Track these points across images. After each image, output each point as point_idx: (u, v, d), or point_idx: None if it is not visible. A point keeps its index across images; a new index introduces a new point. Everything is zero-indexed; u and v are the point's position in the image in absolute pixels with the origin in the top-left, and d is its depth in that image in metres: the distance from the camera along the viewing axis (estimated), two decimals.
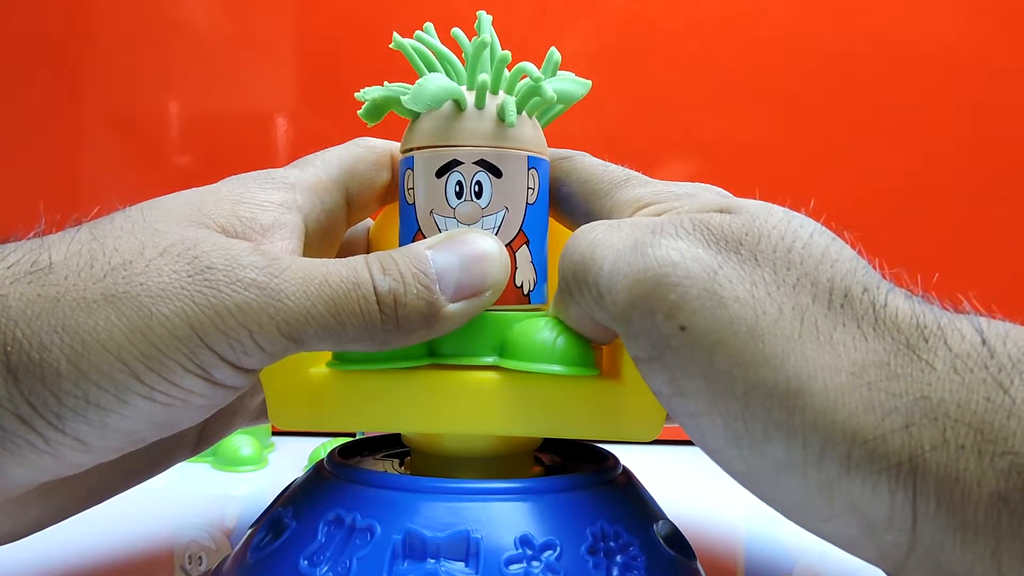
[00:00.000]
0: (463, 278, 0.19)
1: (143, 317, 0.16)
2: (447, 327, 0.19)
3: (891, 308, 0.16)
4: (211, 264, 0.17)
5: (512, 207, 0.21)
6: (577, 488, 0.20)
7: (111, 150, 0.48)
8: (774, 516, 0.16)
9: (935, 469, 0.14)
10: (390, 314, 0.18)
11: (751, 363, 0.16)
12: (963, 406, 0.14)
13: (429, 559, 0.18)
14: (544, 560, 0.18)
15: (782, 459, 0.16)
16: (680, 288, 0.16)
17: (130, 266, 0.17)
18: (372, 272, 0.18)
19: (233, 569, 0.21)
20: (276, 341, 0.17)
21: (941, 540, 0.15)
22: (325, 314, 0.17)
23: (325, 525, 0.19)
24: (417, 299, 0.18)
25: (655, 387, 0.18)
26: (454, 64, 0.22)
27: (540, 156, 0.22)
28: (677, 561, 0.20)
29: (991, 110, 0.48)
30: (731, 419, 0.16)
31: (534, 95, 0.21)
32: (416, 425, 0.21)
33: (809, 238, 0.17)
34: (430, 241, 0.19)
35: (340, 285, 0.18)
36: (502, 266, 0.20)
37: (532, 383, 0.20)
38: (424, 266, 0.18)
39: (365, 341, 0.18)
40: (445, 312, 0.19)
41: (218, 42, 0.47)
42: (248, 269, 0.17)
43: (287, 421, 0.21)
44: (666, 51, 0.48)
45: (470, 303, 0.19)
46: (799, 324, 0.16)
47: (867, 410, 0.15)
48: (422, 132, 0.21)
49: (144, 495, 0.36)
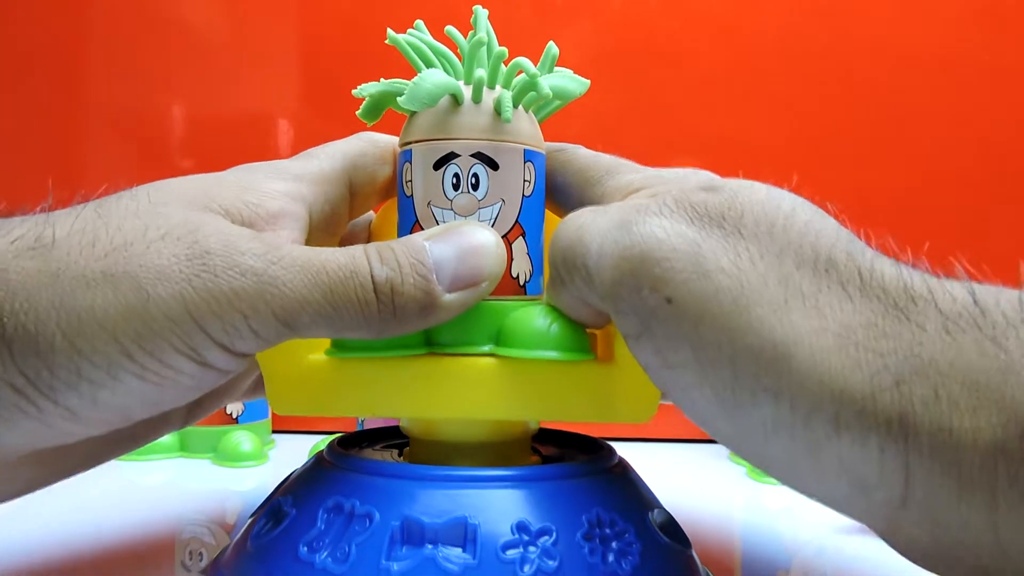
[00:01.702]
0: (460, 268, 0.19)
1: (140, 298, 0.17)
2: (443, 317, 0.19)
3: (877, 273, 0.16)
4: (210, 249, 0.17)
5: (508, 199, 0.21)
6: (573, 476, 0.20)
7: (113, 152, 0.48)
8: (772, 513, 0.16)
9: (927, 424, 0.14)
10: (387, 303, 0.18)
11: (737, 330, 0.16)
12: (955, 363, 0.14)
13: (427, 544, 0.18)
14: (540, 546, 0.18)
15: (771, 423, 0.16)
16: (665, 262, 0.17)
17: (131, 247, 0.17)
18: (370, 261, 0.18)
19: (234, 557, 0.21)
20: (271, 327, 0.18)
21: (935, 495, 0.15)
22: (321, 301, 0.18)
23: (325, 512, 0.20)
24: (414, 288, 0.18)
25: (645, 362, 0.18)
26: (451, 60, 0.22)
27: (536, 150, 0.22)
28: (672, 548, 0.20)
29: (992, 111, 0.48)
30: (720, 387, 0.16)
31: (530, 90, 0.21)
32: (414, 410, 0.21)
33: (791, 211, 0.17)
34: (428, 233, 0.20)
35: (337, 273, 0.18)
36: (498, 257, 0.20)
37: (528, 368, 0.20)
38: (421, 256, 0.19)
39: (362, 329, 0.18)
40: (442, 302, 0.19)
41: (220, 45, 0.48)
42: (246, 255, 0.18)
43: (286, 407, 0.21)
44: (665, 51, 0.48)
45: (466, 293, 0.19)
46: (783, 291, 0.16)
47: (854, 369, 0.15)
48: (420, 126, 0.21)
49: (145, 490, 0.36)
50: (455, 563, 0.18)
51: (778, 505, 0.34)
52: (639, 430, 0.48)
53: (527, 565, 0.18)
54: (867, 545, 0.28)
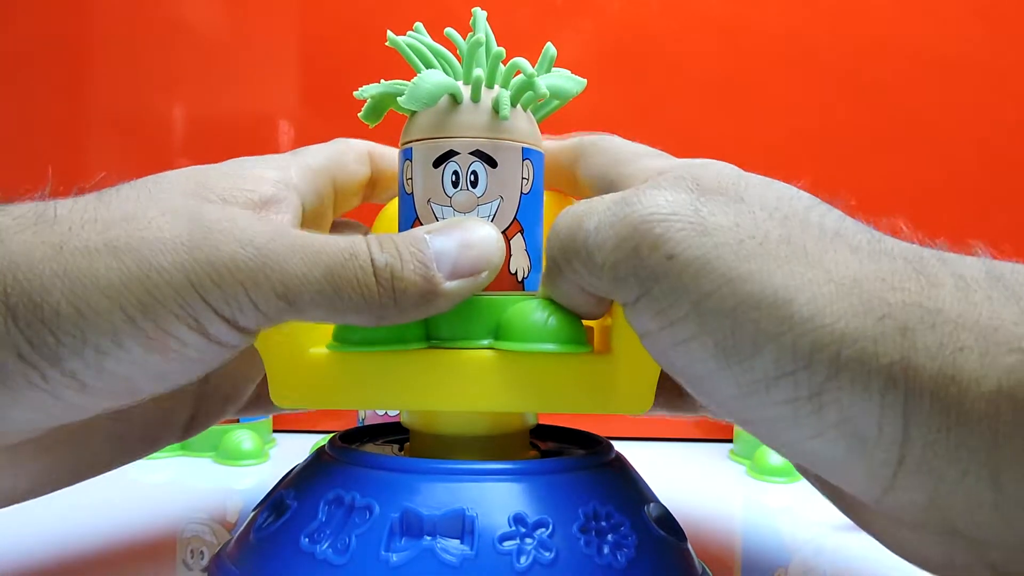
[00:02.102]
0: (460, 258, 0.19)
1: (142, 267, 0.17)
2: (443, 305, 0.19)
3: (887, 242, 0.16)
4: (211, 225, 0.18)
5: (507, 196, 0.21)
6: (570, 470, 0.21)
7: (114, 152, 0.48)
8: (772, 511, 0.16)
9: (929, 368, 0.14)
10: (387, 287, 0.18)
11: (738, 279, 0.16)
12: (965, 314, 0.15)
13: (426, 536, 0.19)
14: (537, 537, 0.19)
15: (771, 370, 0.16)
16: (665, 223, 0.17)
17: (133, 221, 0.18)
18: (370, 246, 0.19)
19: (237, 548, 0.21)
20: (271, 301, 0.18)
21: (934, 441, 0.14)
22: (321, 280, 0.18)
23: (325, 505, 0.20)
24: (414, 274, 0.18)
25: (643, 326, 0.18)
26: (450, 60, 0.22)
27: (534, 148, 0.22)
28: (667, 541, 0.20)
29: (994, 111, 0.48)
30: (720, 337, 0.16)
31: (527, 89, 0.21)
32: (413, 403, 0.21)
33: (796, 193, 0.18)
34: (428, 227, 0.20)
35: (338, 254, 0.18)
36: (498, 249, 0.20)
37: (526, 361, 0.21)
38: (421, 245, 0.19)
39: (362, 313, 0.18)
40: (442, 289, 0.19)
41: (220, 45, 0.48)
42: (247, 231, 0.18)
43: (287, 399, 0.21)
44: (665, 51, 0.48)
45: (466, 282, 0.19)
46: (785, 247, 0.16)
47: (857, 315, 0.15)
48: (420, 125, 0.22)
49: (146, 489, 0.37)
50: (453, 554, 0.18)
51: (778, 503, 0.34)
52: (641, 429, 0.48)
53: (523, 556, 0.18)
54: (867, 544, 0.28)
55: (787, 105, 0.48)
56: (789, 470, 0.38)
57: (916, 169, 0.48)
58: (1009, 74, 0.48)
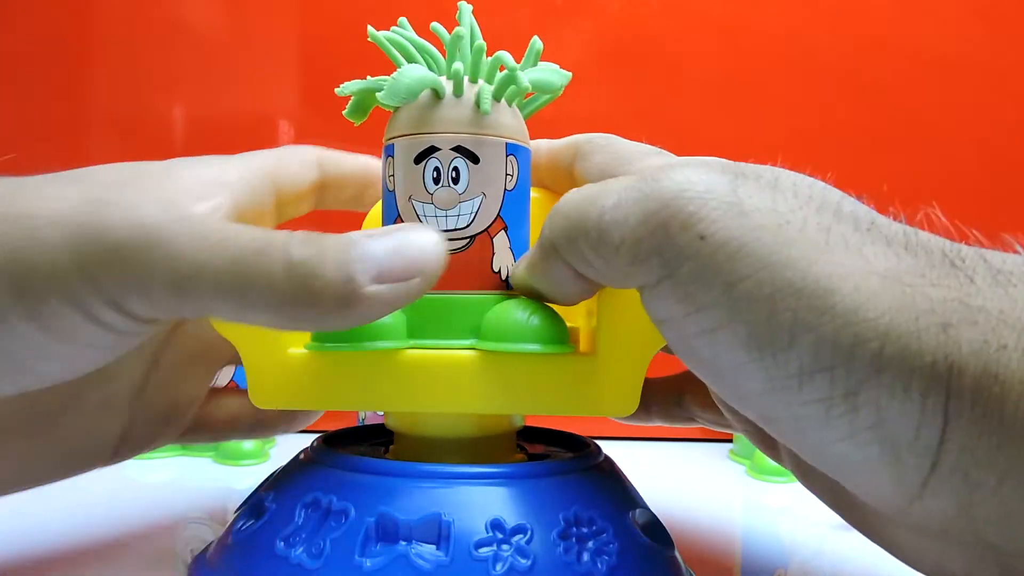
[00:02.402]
0: (391, 260, 0.17)
1: (26, 240, 0.16)
2: (366, 313, 0.17)
3: (922, 236, 0.16)
4: (107, 196, 0.17)
5: (490, 193, 0.21)
6: (553, 474, 0.20)
7: (114, 152, 0.49)
8: (772, 512, 0.16)
9: (973, 367, 0.14)
10: (301, 286, 0.16)
11: (776, 265, 0.15)
12: (1006, 311, 0.14)
13: (401, 541, 0.18)
14: (514, 544, 0.18)
15: (808, 363, 0.15)
16: (699, 200, 0.16)
17: (27, 186, 0.17)
18: (291, 240, 0.17)
19: (217, 550, 0.21)
20: (162, 290, 0.16)
21: (972, 448, 0.14)
22: (224, 272, 0.16)
23: (303, 508, 0.20)
24: (334, 272, 0.16)
25: (664, 313, 0.17)
26: (434, 55, 0.22)
27: (519, 143, 0.22)
28: (652, 548, 0.20)
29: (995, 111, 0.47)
30: (755, 325, 0.15)
31: (510, 83, 0.21)
32: (394, 404, 0.21)
33: (826, 185, 0.17)
34: (369, 231, 0.18)
35: (249, 244, 0.16)
36: (436, 256, 0.18)
37: (509, 361, 0.20)
38: (348, 243, 0.17)
39: (271, 312, 0.17)
40: (363, 292, 0.17)
41: (220, 45, 0.48)
42: (147, 207, 0.17)
43: (267, 400, 0.21)
44: (665, 51, 0.48)
45: (395, 288, 0.17)
46: (825, 235, 0.15)
47: (901, 309, 0.14)
48: (402, 121, 0.21)
49: (146, 488, 0.37)
50: (428, 560, 0.18)
51: (778, 503, 0.34)
52: (640, 429, 0.48)
53: (499, 563, 0.18)
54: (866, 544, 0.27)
55: (787, 105, 0.47)
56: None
57: (916, 169, 0.47)
58: (1009, 74, 0.47)
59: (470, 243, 0.21)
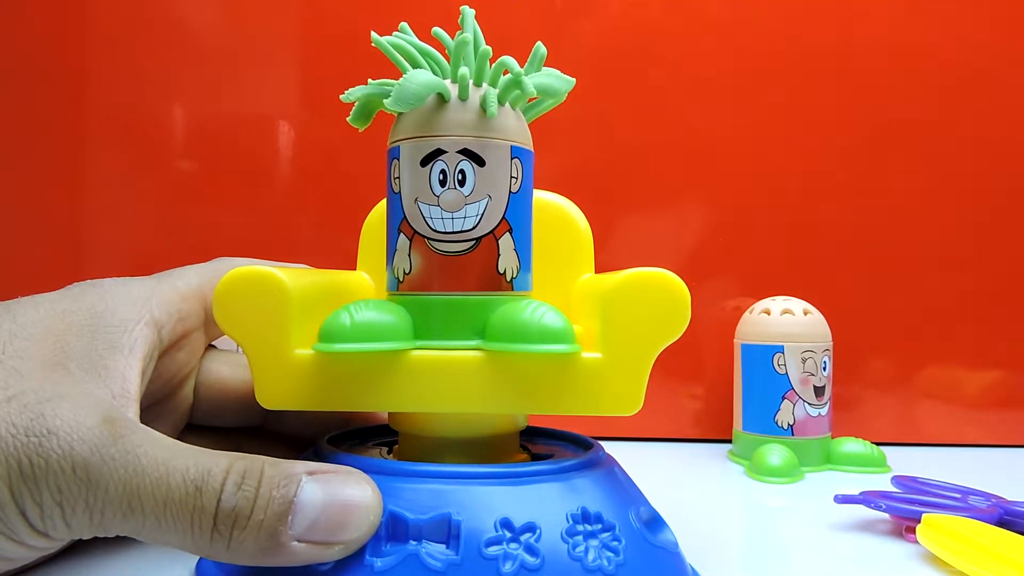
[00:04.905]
0: (319, 519, 0.18)
1: None
2: (282, 561, 0.18)
3: None
4: (53, 428, 0.17)
5: (495, 195, 0.21)
6: (559, 474, 0.20)
7: (114, 154, 0.48)
8: (771, 512, 0.16)
9: None
10: (224, 533, 0.17)
11: None
12: None
13: (411, 540, 0.18)
14: (523, 542, 0.18)
15: None
16: None
17: None
18: (226, 482, 0.17)
19: None
20: (84, 524, 0.17)
21: None
22: (148, 511, 0.17)
23: None
24: (262, 525, 0.17)
25: None
26: (437, 59, 0.22)
27: (523, 146, 0.22)
28: (657, 546, 0.20)
29: (997, 111, 0.47)
30: None
31: (515, 87, 0.21)
32: (400, 405, 0.21)
33: None
34: (314, 466, 0.19)
35: (180, 487, 0.17)
36: (368, 522, 0.18)
37: (515, 361, 0.20)
38: (288, 491, 0.18)
39: (183, 547, 0.18)
40: (286, 548, 0.17)
41: (220, 45, 0.48)
42: (85, 445, 0.17)
43: (272, 401, 0.21)
44: (665, 53, 0.48)
45: (316, 549, 0.18)
46: None
47: None
48: (408, 123, 0.22)
49: None
50: (438, 559, 0.18)
51: (777, 504, 0.34)
52: (640, 429, 0.48)
53: (509, 562, 0.18)
54: (865, 545, 0.27)
55: (787, 105, 0.47)
56: (788, 470, 0.38)
57: (916, 169, 0.48)
58: (1009, 75, 0.47)
59: (476, 245, 0.21)
